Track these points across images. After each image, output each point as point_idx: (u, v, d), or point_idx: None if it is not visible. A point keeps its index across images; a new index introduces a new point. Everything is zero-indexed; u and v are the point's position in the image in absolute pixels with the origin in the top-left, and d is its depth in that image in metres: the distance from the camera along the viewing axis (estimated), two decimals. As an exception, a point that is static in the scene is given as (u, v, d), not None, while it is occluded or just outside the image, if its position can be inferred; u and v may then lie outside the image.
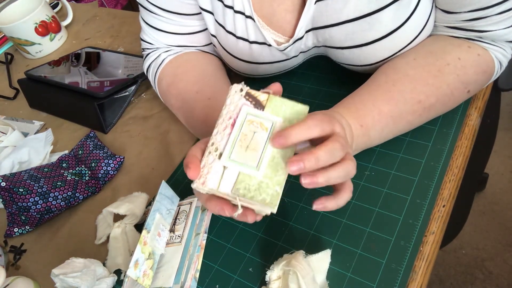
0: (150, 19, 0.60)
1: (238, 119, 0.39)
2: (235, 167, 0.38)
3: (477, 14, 0.45)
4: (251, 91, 0.40)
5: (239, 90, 0.40)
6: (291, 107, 0.39)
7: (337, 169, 0.37)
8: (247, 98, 0.40)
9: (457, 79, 0.48)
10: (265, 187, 0.37)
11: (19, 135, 0.73)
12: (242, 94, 0.40)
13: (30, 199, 0.56)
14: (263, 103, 0.40)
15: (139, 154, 0.66)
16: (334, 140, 0.37)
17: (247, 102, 0.40)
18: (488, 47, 0.49)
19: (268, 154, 0.38)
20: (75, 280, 0.45)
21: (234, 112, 0.40)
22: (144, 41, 0.65)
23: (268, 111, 0.39)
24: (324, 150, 0.36)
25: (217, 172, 0.38)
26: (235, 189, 0.37)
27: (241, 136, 0.39)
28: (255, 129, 0.39)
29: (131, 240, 0.52)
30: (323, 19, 0.50)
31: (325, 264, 0.44)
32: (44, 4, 0.93)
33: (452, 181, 0.48)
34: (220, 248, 0.50)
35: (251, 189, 0.37)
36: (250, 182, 0.37)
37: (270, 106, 0.39)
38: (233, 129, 0.39)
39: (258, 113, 0.39)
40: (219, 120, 0.39)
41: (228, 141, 0.39)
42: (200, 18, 0.60)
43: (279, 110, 0.39)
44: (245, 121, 0.39)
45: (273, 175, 0.37)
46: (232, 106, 0.40)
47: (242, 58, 0.58)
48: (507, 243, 1.32)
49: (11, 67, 0.96)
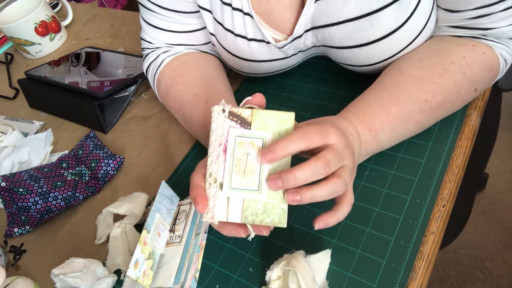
0: (150, 18, 0.61)
1: (228, 144, 0.39)
2: (238, 194, 0.39)
3: (482, 12, 0.45)
4: (234, 110, 0.39)
5: (221, 111, 0.39)
6: (277, 118, 0.39)
7: (321, 188, 0.37)
8: (232, 118, 0.39)
9: (463, 77, 0.47)
10: (271, 208, 0.39)
11: (19, 135, 0.73)
12: (225, 115, 0.39)
13: (30, 199, 0.56)
14: (249, 120, 0.39)
15: (139, 154, 0.66)
16: (318, 158, 0.37)
17: (232, 123, 0.39)
18: (492, 45, 0.48)
19: (265, 173, 0.39)
20: (75, 280, 0.45)
21: (223, 137, 0.39)
22: (144, 40, 0.65)
23: (255, 127, 0.39)
24: (302, 170, 0.36)
25: (222, 203, 0.39)
26: (243, 217, 0.39)
27: (236, 162, 0.39)
28: (247, 151, 0.39)
29: (131, 240, 0.52)
30: (323, 18, 0.50)
31: (325, 264, 0.44)
32: (44, 4, 0.93)
33: (452, 181, 0.48)
34: (220, 248, 0.50)
35: (258, 213, 0.39)
36: (256, 206, 0.39)
37: (256, 121, 0.39)
38: (226, 155, 0.39)
39: (246, 132, 0.39)
40: (210, 149, 0.40)
41: (224, 169, 0.39)
42: (198, 16, 0.60)
43: (266, 124, 0.39)
44: (235, 145, 0.39)
45: (275, 194, 0.39)
46: (219, 130, 0.39)
47: (240, 56, 0.58)
48: (507, 243, 1.32)
49: (11, 67, 0.96)
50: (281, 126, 0.39)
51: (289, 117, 0.39)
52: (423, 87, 0.47)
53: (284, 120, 0.39)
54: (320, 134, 0.38)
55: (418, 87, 0.47)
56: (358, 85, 0.62)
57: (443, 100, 0.48)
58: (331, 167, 0.37)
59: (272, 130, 0.39)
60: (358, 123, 0.45)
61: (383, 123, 0.46)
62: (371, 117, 0.46)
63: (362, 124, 0.46)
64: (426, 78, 0.47)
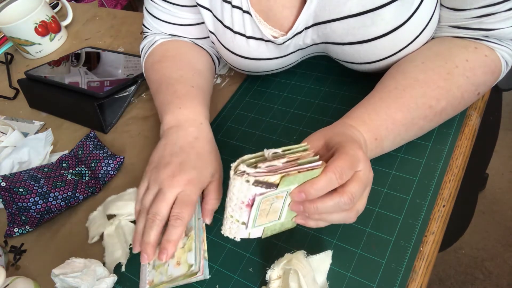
0: (149, 7, 0.64)
1: (254, 204, 0.38)
2: (261, 227, 0.42)
3: (486, 11, 0.45)
4: (260, 179, 0.35)
5: (245, 181, 0.35)
6: (307, 175, 0.37)
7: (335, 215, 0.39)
8: (256, 185, 0.36)
9: (467, 81, 0.47)
10: (286, 223, 0.42)
11: (19, 135, 0.73)
12: (249, 183, 0.35)
13: (30, 199, 0.56)
14: (276, 183, 0.36)
15: (139, 154, 0.66)
16: (343, 193, 0.37)
17: (257, 189, 0.36)
18: (494, 47, 0.48)
19: (286, 208, 0.40)
20: (75, 280, 0.45)
21: (246, 198, 0.37)
22: (144, 27, 0.69)
23: (282, 187, 0.37)
24: (325, 202, 0.37)
25: (243, 232, 0.41)
26: (264, 234, 0.43)
27: (260, 212, 0.39)
28: (272, 201, 0.39)
29: (128, 231, 0.53)
30: (325, 13, 0.49)
31: (326, 265, 0.44)
32: (44, 4, 0.93)
33: (452, 181, 0.48)
34: (220, 248, 0.50)
35: (276, 229, 0.43)
36: (274, 227, 0.42)
37: (283, 183, 0.37)
38: (251, 210, 0.38)
39: (272, 192, 0.37)
40: (230, 203, 0.38)
41: (247, 217, 0.39)
42: (194, 11, 0.61)
43: (294, 181, 0.37)
44: (261, 203, 0.38)
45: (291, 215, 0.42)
46: (242, 194, 0.37)
47: (239, 54, 0.58)
48: (507, 243, 1.32)
49: (11, 67, 0.96)
50: (307, 178, 0.37)
51: (317, 173, 0.37)
52: (428, 92, 0.47)
53: (313, 174, 0.37)
54: (351, 168, 0.37)
55: (423, 92, 0.47)
56: (359, 85, 0.62)
57: (446, 105, 0.48)
58: (354, 201, 0.38)
59: (299, 183, 0.37)
60: (365, 131, 0.45)
61: (388, 131, 0.46)
62: (377, 124, 0.46)
63: (369, 133, 0.45)
64: (431, 83, 0.47)
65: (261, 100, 0.66)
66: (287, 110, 0.62)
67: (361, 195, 0.38)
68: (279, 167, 0.36)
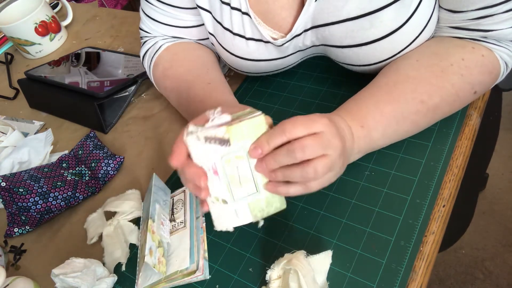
0: (148, 10, 0.63)
1: (217, 167, 0.40)
2: (242, 203, 0.42)
3: (484, 12, 0.45)
4: (207, 134, 0.39)
5: (196, 139, 0.39)
6: (250, 125, 0.39)
7: (292, 170, 0.40)
8: (209, 142, 0.39)
9: (461, 79, 0.47)
10: (271, 199, 0.43)
11: (19, 135, 0.73)
12: (200, 141, 0.39)
13: (30, 199, 0.56)
14: (226, 137, 0.39)
15: (139, 154, 0.66)
16: (296, 142, 0.38)
17: (211, 146, 0.39)
18: (492, 48, 0.48)
19: (258, 174, 0.41)
20: (75, 280, 0.45)
21: (208, 163, 0.40)
22: (142, 30, 0.67)
23: (234, 142, 0.39)
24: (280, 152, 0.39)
25: (231, 215, 0.43)
26: (253, 216, 0.43)
27: (230, 178, 0.41)
28: (236, 164, 0.41)
29: (127, 232, 0.53)
30: (324, 16, 0.50)
31: (326, 265, 0.44)
32: (44, 4, 0.93)
33: (452, 181, 0.48)
34: (220, 248, 0.50)
35: (263, 208, 0.43)
36: (260, 204, 0.43)
37: (233, 136, 0.39)
38: (219, 176, 0.41)
39: (228, 150, 0.40)
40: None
41: (222, 188, 0.41)
42: (194, 13, 0.61)
43: (243, 134, 0.39)
44: (224, 165, 0.40)
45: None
46: (202, 158, 0.40)
47: (239, 55, 0.58)
48: (507, 243, 1.32)
49: (11, 67, 0.96)
50: (257, 130, 0.40)
51: (260, 120, 0.39)
52: (418, 88, 0.47)
53: (258, 125, 0.39)
54: (305, 125, 0.39)
55: (414, 88, 0.47)
56: (358, 85, 0.62)
57: (440, 101, 0.48)
58: (307, 153, 0.38)
59: (250, 137, 0.40)
60: (350, 120, 0.46)
61: (376, 121, 0.47)
62: (364, 114, 0.47)
63: (354, 121, 0.46)
64: (423, 80, 0.47)
65: (261, 100, 0.66)
66: (287, 110, 0.62)
67: (317, 154, 0.39)
68: (224, 123, 0.39)
